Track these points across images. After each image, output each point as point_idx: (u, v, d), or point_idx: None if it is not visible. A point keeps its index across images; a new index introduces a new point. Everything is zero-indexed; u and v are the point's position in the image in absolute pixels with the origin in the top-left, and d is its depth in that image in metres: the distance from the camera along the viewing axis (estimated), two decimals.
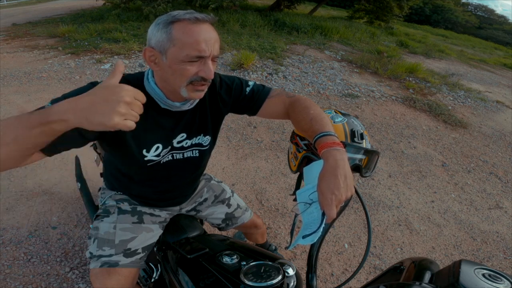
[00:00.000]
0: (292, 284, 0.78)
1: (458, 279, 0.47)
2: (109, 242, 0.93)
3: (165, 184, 1.00)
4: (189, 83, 0.75)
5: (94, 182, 2.04)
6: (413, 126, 3.79)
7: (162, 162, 0.91)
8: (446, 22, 28.91)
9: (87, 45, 5.40)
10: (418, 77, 5.68)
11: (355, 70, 5.64)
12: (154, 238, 1.03)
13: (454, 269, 0.51)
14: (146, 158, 0.87)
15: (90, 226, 1.04)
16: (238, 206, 1.24)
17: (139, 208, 1.04)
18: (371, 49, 7.34)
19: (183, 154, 0.94)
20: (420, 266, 0.64)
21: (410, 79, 5.50)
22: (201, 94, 0.79)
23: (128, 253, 0.94)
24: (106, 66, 4.53)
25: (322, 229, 0.63)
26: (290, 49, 6.37)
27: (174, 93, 0.80)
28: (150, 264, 1.07)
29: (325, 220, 0.63)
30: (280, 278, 0.74)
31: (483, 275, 0.48)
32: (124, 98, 0.52)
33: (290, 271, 0.81)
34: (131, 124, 0.54)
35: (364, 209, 0.80)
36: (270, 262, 0.80)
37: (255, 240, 1.47)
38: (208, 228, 1.74)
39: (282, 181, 2.45)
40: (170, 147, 0.90)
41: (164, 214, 1.08)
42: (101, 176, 1.23)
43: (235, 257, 0.83)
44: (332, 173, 0.63)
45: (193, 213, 1.19)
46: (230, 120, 3.29)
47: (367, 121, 3.74)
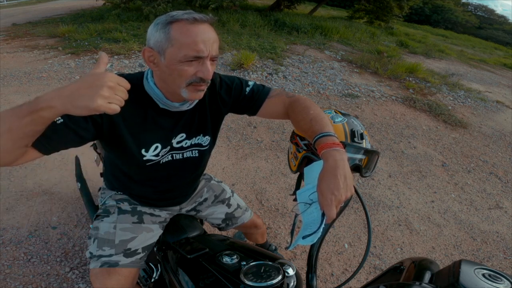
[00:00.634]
0: (292, 284, 0.78)
1: (458, 279, 0.47)
2: (109, 242, 0.93)
3: (165, 184, 1.00)
4: (189, 84, 0.75)
5: (94, 182, 2.04)
6: (413, 126, 3.78)
7: (161, 162, 0.91)
8: (446, 22, 28.90)
9: (87, 45, 5.40)
10: (418, 77, 5.68)
11: (355, 70, 5.64)
12: (154, 238, 1.03)
13: (454, 269, 0.51)
14: (145, 158, 0.87)
15: (90, 226, 1.04)
16: (238, 206, 1.24)
17: (139, 208, 1.04)
18: (371, 49, 7.34)
19: (183, 154, 0.94)
20: (420, 266, 0.64)
21: (410, 79, 5.50)
22: (201, 95, 0.79)
23: (128, 253, 0.94)
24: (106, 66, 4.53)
25: (322, 229, 0.64)
26: (290, 49, 6.37)
27: (173, 93, 0.80)
28: (150, 264, 1.07)
29: (325, 220, 0.63)
30: (280, 278, 0.74)
31: (483, 275, 0.48)
32: (107, 83, 0.54)
33: (290, 271, 0.81)
34: (115, 107, 0.56)
35: (364, 209, 0.80)
36: (270, 262, 0.80)
37: (255, 240, 1.47)
38: (208, 228, 1.74)
39: (282, 181, 2.45)
40: (169, 147, 0.90)
41: (164, 214, 1.08)
42: (101, 176, 1.23)
43: (235, 257, 0.83)
44: (331, 173, 0.63)
45: (193, 213, 1.19)
46: (230, 120, 3.29)
47: (367, 121, 3.74)
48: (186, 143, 0.93)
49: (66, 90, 0.55)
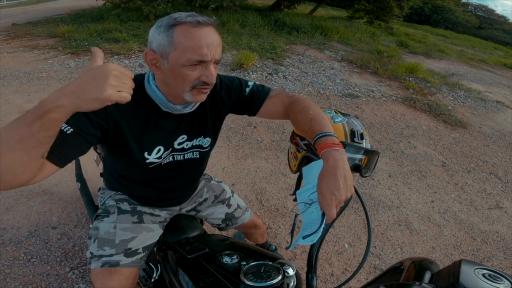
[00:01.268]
0: (292, 284, 0.78)
1: (458, 279, 0.47)
2: (109, 242, 0.93)
3: (165, 184, 1.00)
4: (192, 88, 0.75)
5: (94, 182, 2.04)
6: (413, 126, 3.78)
7: (163, 163, 0.91)
8: (446, 22, 28.91)
9: (87, 45, 5.40)
10: (418, 77, 5.68)
11: (355, 70, 5.64)
12: (154, 238, 1.03)
13: (454, 269, 0.51)
14: (147, 161, 0.87)
15: (90, 226, 1.04)
16: (238, 206, 1.24)
17: (139, 208, 1.04)
18: (371, 49, 7.34)
19: (184, 155, 0.94)
20: (420, 266, 0.64)
21: (410, 79, 5.50)
22: (204, 97, 0.79)
23: (128, 253, 0.94)
24: None
25: (322, 229, 0.64)
26: (290, 49, 6.36)
27: (175, 96, 0.80)
28: (150, 264, 1.07)
29: (325, 220, 0.63)
30: (280, 278, 0.74)
31: (483, 275, 0.48)
32: (111, 72, 0.53)
33: (290, 271, 0.81)
34: (126, 95, 0.55)
35: (364, 209, 0.80)
36: (270, 262, 0.80)
37: (255, 240, 1.47)
38: (208, 228, 1.74)
39: (282, 181, 2.45)
40: (171, 149, 0.90)
41: (164, 214, 1.08)
42: (101, 176, 1.22)
43: (235, 257, 0.83)
44: (331, 173, 0.63)
45: (193, 213, 1.19)
46: (230, 120, 3.29)
47: (367, 121, 3.74)
48: (187, 145, 0.93)
49: (71, 87, 0.53)
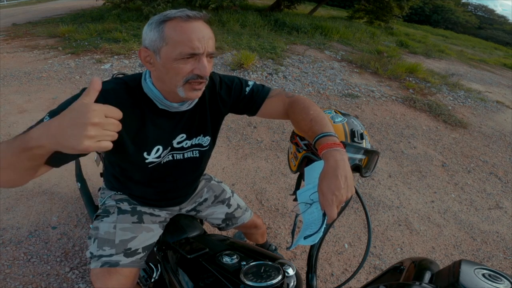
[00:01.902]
0: (292, 284, 0.78)
1: (458, 279, 0.47)
2: (109, 242, 0.93)
3: (165, 184, 1.00)
4: (185, 82, 0.74)
5: (94, 182, 2.04)
6: (413, 126, 3.79)
7: (162, 162, 0.91)
8: (446, 22, 28.92)
9: (87, 45, 5.40)
10: (418, 77, 5.68)
11: (355, 70, 5.64)
12: (154, 238, 1.03)
13: (454, 269, 0.51)
14: (147, 161, 0.87)
15: (90, 226, 1.04)
16: (238, 206, 1.24)
17: (139, 208, 1.04)
18: (371, 49, 7.34)
19: (183, 154, 0.94)
20: (420, 266, 0.64)
21: (410, 79, 5.50)
22: (198, 94, 0.79)
23: (128, 252, 0.94)
24: (106, 66, 4.53)
25: (323, 229, 0.64)
26: (290, 49, 6.36)
27: (171, 93, 0.79)
28: (150, 264, 1.07)
29: (326, 220, 0.64)
30: (280, 278, 0.74)
31: (483, 275, 0.48)
32: (90, 120, 0.49)
33: (290, 271, 0.81)
34: (106, 144, 0.52)
35: (364, 209, 0.81)
36: (270, 262, 0.80)
37: (255, 240, 1.47)
38: (208, 228, 1.74)
39: (282, 181, 2.45)
40: (170, 148, 0.90)
41: (164, 214, 1.08)
42: (101, 176, 1.23)
43: (235, 257, 0.83)
44: (332, 173, 0.63)
45: (193, 213, 1.19)
46: (230, 120, 3.29)
47: (367, 121, 3.74)
48: (186, 144, 0.93)
49: (51, 127, 0.51)
